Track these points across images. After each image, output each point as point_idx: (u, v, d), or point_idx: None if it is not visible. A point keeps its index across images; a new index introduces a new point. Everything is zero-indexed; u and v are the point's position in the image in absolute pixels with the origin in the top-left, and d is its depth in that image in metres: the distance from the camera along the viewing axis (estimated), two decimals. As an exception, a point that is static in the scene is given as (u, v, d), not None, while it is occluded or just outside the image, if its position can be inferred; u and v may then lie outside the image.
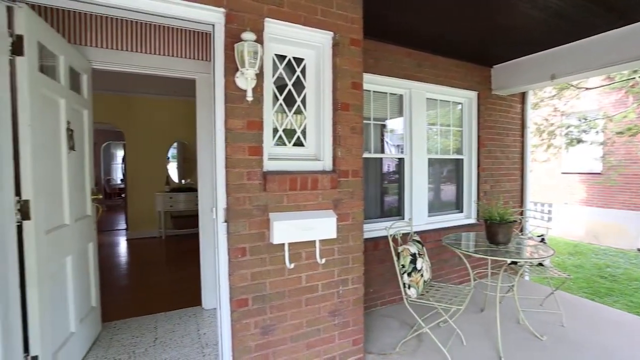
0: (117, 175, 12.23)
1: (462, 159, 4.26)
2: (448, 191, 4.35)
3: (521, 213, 4.38)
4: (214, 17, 1.93)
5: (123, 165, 8.88)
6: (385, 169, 3.87)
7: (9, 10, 1.67)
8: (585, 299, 4.05)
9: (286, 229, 1.96)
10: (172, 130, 6.53)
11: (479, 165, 4.26)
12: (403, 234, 2.89)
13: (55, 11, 2.57)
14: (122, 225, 7.48)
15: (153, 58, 2.92)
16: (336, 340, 2.31)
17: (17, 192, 1.75)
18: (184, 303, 3.36)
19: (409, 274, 2.57)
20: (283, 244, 2.02)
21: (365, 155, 3.14)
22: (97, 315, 2.74)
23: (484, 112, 4.25)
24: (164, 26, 2.93)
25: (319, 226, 2.08)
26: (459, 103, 4.26)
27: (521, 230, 4.19)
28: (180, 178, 6.92)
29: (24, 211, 1.76)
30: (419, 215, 3.80)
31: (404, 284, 2.59)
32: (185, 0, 1.83)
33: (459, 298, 2.55)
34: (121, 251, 5.71)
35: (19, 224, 1.75)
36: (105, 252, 5.39)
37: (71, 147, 2.30)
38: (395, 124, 3.83)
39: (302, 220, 2.01)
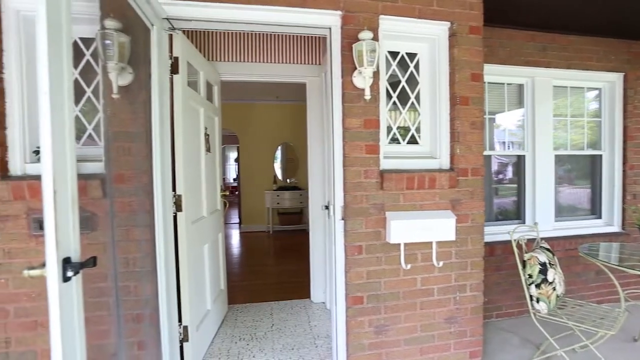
0: (230, 174, 13.82)
1: (599, 155, 3.59)
2: (580, 193, 3.70)
3: (689, 222, 3.47)
4: (331, 21, 2.01)
5: (236, 165, 9.95)
6: (499, 167, 3.50)
7: (170, 37, 2.02)
8: None
9: (403, 229, 1.92)
10: (279, 132, 7.13)
11: (625, 162, 3.52)
12: (527, 240, 2.57)
13: (196, 32, 3.01)
14: (236, 219, 8.39)
15: (270, 66, 3.19)
16: (451, 349, 2.18)
17: (173, 188, 2.10)
18: (294, 294, 3.58)
19: (538, 286, 2.27)
20: (399, 244, 1.99)
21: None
22: (224, 297, 3.13)
23: (634, 97, 3.50)
24: (278, 35, 3.18)
25: (437, 227, 1.98)
26: (596, 89, 3.60)
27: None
28: (284, 177, 7.43)
29: (177, 204, 2.11)
30: (543, 219, 3.33)
31: (530, 296, 2.30)
32: (306, 8, 1.94)
33: (607, 320, 2.15)
34: (236, 243, 6.41)
35: (174, 214, 2.10)
36: (224, 243, 6.12)
37: (207, 149, 2.66)
38: (512, 117, 3.42)
39: (419, 220, 1.95)
